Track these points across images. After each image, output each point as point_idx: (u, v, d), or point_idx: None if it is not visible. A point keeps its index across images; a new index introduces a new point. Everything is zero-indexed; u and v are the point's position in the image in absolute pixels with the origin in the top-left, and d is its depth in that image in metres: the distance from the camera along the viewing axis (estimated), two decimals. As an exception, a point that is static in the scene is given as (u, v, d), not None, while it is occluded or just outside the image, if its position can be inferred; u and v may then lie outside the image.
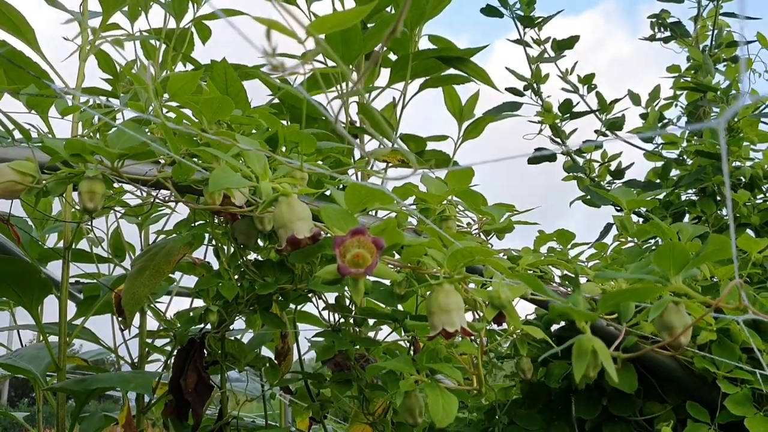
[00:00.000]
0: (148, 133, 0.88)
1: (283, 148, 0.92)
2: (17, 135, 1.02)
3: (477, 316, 0.81)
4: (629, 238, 1.33)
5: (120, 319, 1.73)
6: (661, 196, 1.68)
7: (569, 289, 1.21)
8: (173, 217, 1.96)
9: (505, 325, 0.96)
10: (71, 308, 1.95)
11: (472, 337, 0.75)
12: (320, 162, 1.27)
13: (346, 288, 1.28)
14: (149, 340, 1.75)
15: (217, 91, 0.94)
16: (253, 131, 0.99)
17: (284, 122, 1.47)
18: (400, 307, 1.27)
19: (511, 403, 1.34)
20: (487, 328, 0.80)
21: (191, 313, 1.10)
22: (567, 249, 1.18)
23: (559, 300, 0.58)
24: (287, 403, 2.12)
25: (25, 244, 1.30)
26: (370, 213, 1.18)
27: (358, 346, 1.18)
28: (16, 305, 1.87)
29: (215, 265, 1.29)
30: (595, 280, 0.95)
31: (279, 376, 1.27)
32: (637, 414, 1.21)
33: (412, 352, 1.31)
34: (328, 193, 0.98)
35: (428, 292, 0.72)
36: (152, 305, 1.81)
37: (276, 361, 1.33)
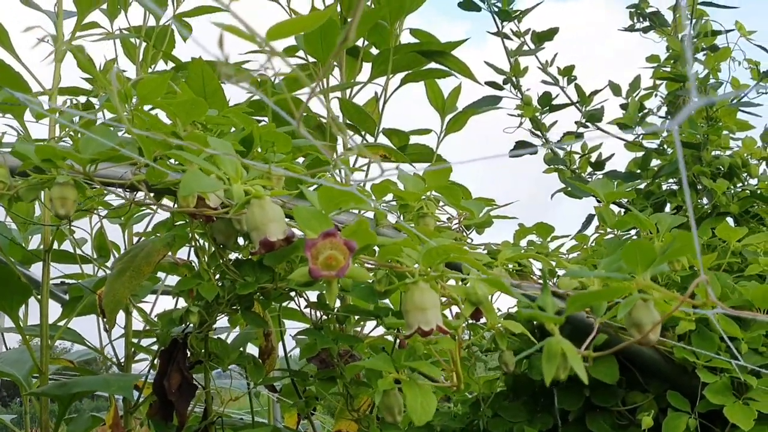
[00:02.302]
0: (126, 135, 0.88)
1: (259, 149, 0.92)
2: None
3: (456, 313, 0.82)
4: (609, 230, 1.33)
5: (105, 319, 1.72)
6: (641, 186, 1.69)
7: (553, 281, 1.22)
8: (156, 217, 1.95)
9: (484, 320, 0.97)
10: (57, 308, 1.94)
11: (449, 334, 0.75)
12: (300, 160, 1.27)
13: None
14: (135, 340, 1.75)
15: (192, 92, 0.94)
16: (232, 130, 0.99)
17: (265, 119, 1.46)
18: (387, 301, 1.28)
19: (496, 395, 1.35)
20: (468, 322, 0.81)
21: (172, 315, 1.10)
22: (547, 242, 1.18)
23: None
24: (275, 399, 2.12)
25: (4, 247, 1.29)
26: (351, 210, 1.19)
27: (339, 344, 1.18)
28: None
29: (197, 265, 1.28)
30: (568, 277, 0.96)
31: (263, 374, 1.27)
32: (620, 404, 1.22)
33: (398, 347, 1.32)
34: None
35: (404, 292, 0.72)
36: (137, 305, 1.81)
37: (260, 360, 1.33)
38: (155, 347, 1.77)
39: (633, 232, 1.42)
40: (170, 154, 0.75)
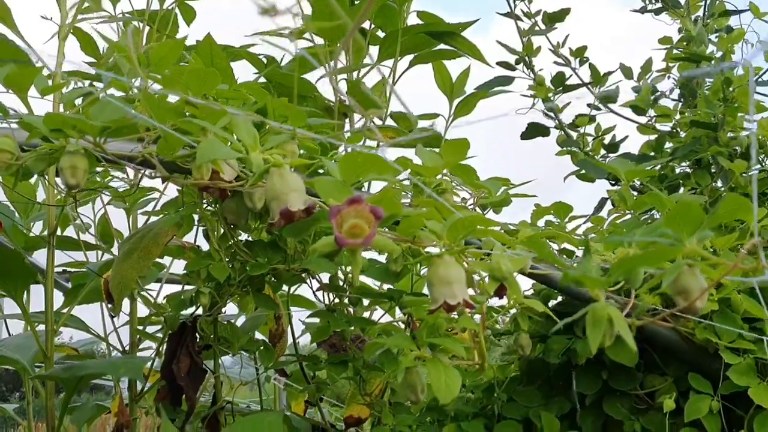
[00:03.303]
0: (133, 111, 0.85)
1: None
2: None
3: (477, 290, 0.79)
4: (625, 211, 1.31)
5: (109, 305, 1.70)
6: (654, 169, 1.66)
7: (572, 263, 1.19)
8: (161, 201, 1.92)
9: (504, 300, 0.94)
10: (59, 297, 1.92)
11: (472, 311, 0.73)
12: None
13: (340, 268, 1.26)
14: (140, 327, 1.72)
15: (203, 65, 0.91)
16: (242, 106, 0.96)
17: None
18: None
19: (510, 380, 1.33)
20: (486, 304, 0.78)
21: (182, 296, 1.07)
22: (564, 222, 1.15)
23: (569, 268, 0.55)
24: (282, 387, 2.10)
25: (8, 231, 1.26)
26: (362, 189, 1.16)
27: (353, 327, 1.16)
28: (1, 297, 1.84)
29: (205, 249, 1.26)
30: (602, 247, 0.92)
31: (274, 358, 1.24)
32: (638, 387, 1.20)
33: (408, 333, 1.29)
34: (321, 171, 0.95)
35: (427, 266, 0.69)
36: (141, 292, 1.78)
37: (270, 344, 1.31)
38: (160, 335, 1.75)
39: (649, 214, 1.39)
40: (182, 123, 0.72)
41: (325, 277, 1.25)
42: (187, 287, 1.51)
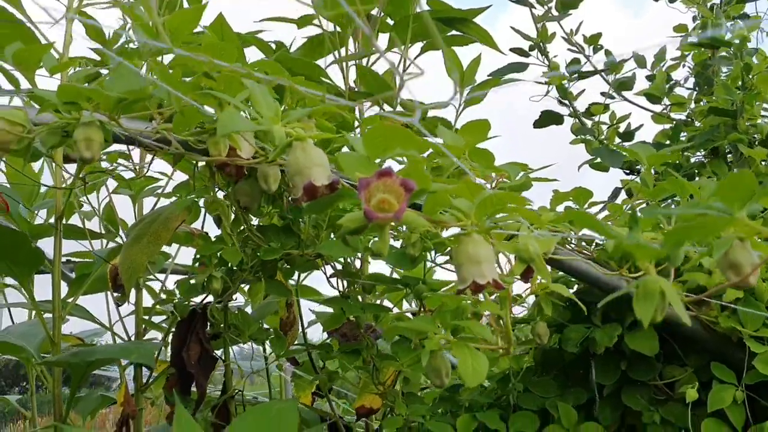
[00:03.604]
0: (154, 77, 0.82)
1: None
2: None
3: (503, 272, 0.76)
4: (644, 199, 1.28)
5: (115, 294, 1.67)
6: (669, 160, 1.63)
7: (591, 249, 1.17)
8: (169, 187, 1.89)
9: (519, 290, 0.92)
10: (63, 288, 1.89)
11: (493, 297, 0.70)
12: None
13: (358, 254, 1.23)
14: (145, 317, 1.69)
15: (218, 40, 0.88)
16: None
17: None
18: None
19: (524, 370, 1.30)
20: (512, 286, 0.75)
21: (194, 280, 1.04)
22: (584, 209, 1.13)
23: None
24: (289, 379, 2.07)
25: (14, 215, 1.23)
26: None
27: (367, 314, 1.13)
28: (4, 286, 1.81)
29: (213, 236, 1.23)
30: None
31: (285, 347, 1.22)
32: (657, 378, 1.17)
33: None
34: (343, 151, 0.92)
35: (454, 245, 0.66)
36: (147, 283, 1.76)
37: (282, 332, 1.28)
38: (166, 325, 1.73)
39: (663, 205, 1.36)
40: (200, 97, 0.69)
41: (335, 265, 1.23)
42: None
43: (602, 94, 1.78)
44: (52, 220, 1.78)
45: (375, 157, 0.67)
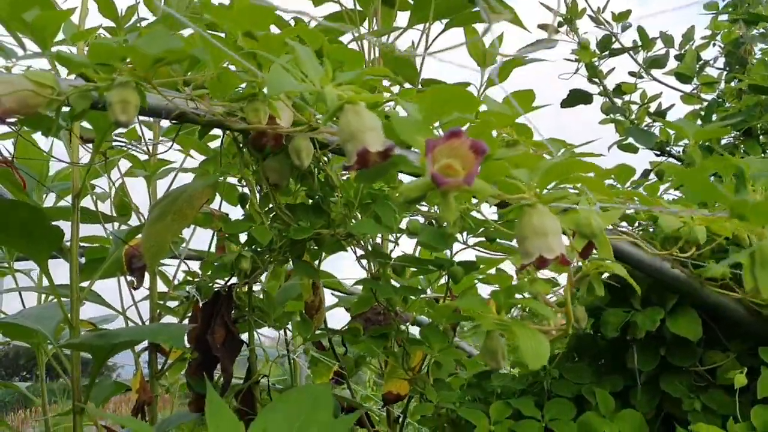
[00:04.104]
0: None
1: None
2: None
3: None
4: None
5: (130, 279, 1.63)
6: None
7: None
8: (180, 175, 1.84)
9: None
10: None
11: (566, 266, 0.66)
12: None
13: (380, 235, 1.18)
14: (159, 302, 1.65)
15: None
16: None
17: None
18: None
19: (558, 356, 1.26)
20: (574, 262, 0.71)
21: (223, 260, 1.00)
22: (626, 187, 1.08)
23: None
24: (303, 365, 2.03)
25: (31, 192, 1.19)
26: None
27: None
28: (14, 271, 1.76)
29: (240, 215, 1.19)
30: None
31: (311, 330, 1.17)
32: (698, 364, 1.13)
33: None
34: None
35: (518, 217, 0.62)
36: (159, 268, 1.71)
37: (307, 316, 1.24)
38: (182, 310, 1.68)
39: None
40: (243, 56, 0.64)
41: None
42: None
43: (630, 73, 1.73)
44: (62, 203, 1.74)
45: (431, 121, 0.62)
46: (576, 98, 1.69)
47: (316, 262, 1.26)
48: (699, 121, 1.62)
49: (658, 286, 1.13)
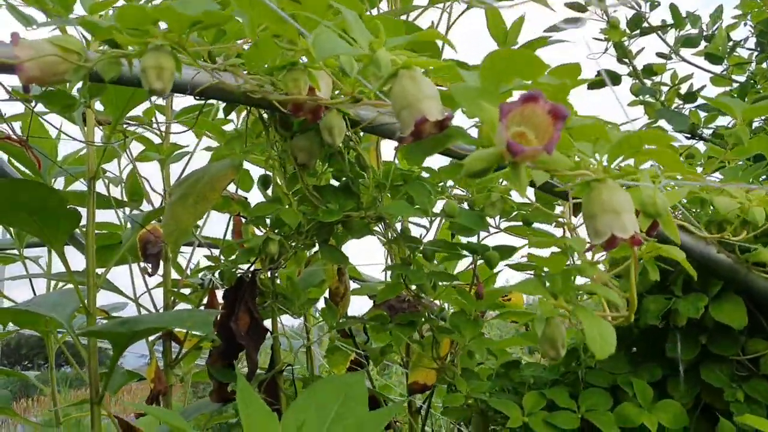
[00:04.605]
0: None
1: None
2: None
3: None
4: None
5: (144, 266, 1.58)
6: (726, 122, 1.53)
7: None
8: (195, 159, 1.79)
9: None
10: (81, 260, 1.79)
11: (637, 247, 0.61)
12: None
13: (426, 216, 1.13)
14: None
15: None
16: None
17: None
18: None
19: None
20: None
21: (251, 243, 0.95)
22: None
23: None
24: (318, 353, 1.99)
25: (45, 173, 1.14)
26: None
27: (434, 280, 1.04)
28: (23, 258, 1.72)
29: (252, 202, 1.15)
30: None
31: (337, 318, 1.13)
32: (740, 353, 1.09)
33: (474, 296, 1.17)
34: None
35: (585, 193, 0.57)
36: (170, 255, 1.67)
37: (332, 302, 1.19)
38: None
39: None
40: (275, 24, 0.59)
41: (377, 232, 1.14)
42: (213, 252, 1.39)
43: (659, 54, 1.67)
44: (71, 187, 1.69)
45: (492, 88, 0.57)
46: (604, 80, 1.64)
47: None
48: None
49: (700, 272, 1.08)
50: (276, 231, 0.98)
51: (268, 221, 0.96)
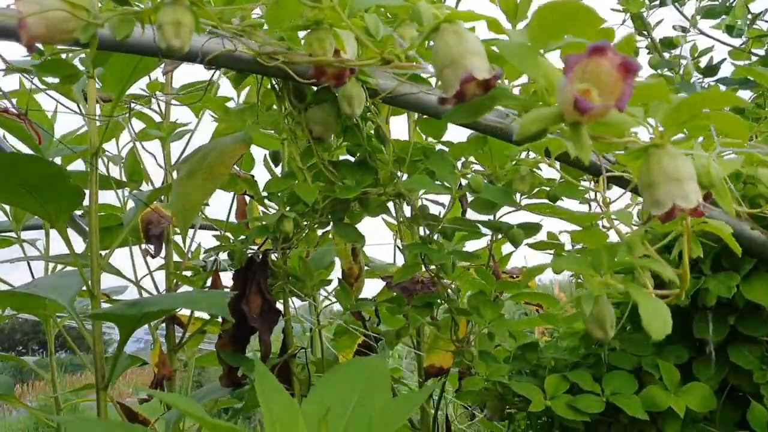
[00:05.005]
0: None
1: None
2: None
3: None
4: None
5: (145, 247, 1.53)
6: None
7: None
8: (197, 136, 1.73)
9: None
10: (79, 242, 1.74)
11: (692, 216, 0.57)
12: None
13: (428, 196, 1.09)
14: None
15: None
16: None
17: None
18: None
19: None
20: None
21: (263, 222, 0.90)
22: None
23: None
24: (329, 337, 1.95)
25: (44, 151, 1.08)
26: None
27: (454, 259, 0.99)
28: (21, 241, 1.66)
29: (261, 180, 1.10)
30: None
31: (351, 299, 1.08)
32: (771, 334, 1.05)
33: (493, 275, 1.13)
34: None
35: (644, 160, 0.52)
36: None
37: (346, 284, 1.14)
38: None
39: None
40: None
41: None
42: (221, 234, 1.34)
43: (675, 27, 1.62)
44: (69, 167, 1.63)
45: (541, 45, 0.52)
46: (621, 52, 1.58)
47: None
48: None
49: (730, 250, 1.04)
50: (288, 209, 0.93)
51: (275, 202, 0.91)
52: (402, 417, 0.71)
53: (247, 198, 1.43)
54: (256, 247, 1.04)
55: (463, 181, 0.96)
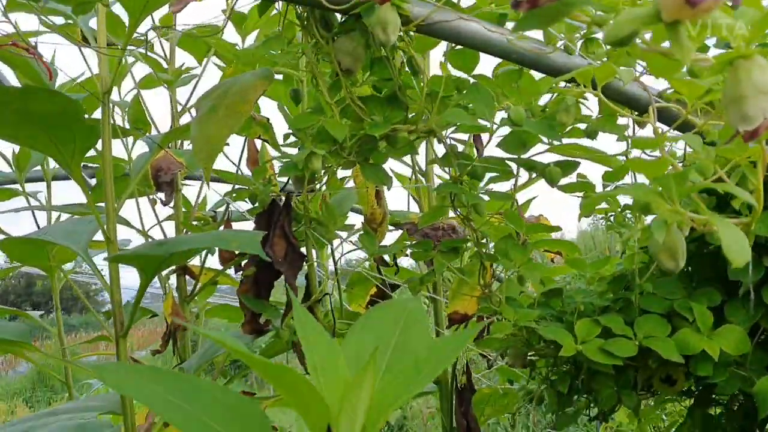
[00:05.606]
0: None
1: None
2: None
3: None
4: None
5: (153, 196, 1.49)
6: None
7: None
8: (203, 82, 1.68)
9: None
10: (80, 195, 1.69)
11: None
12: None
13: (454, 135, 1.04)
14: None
15: None
16: None
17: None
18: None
19: (640, 270, 1.14)
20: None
21: (293, 158, 0.86)
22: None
23: None
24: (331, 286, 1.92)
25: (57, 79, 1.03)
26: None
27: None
28: (26, 194, 1.62)
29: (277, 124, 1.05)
30: None
31: (376, 245, 1.05)
32: (808, 275, 1.02)
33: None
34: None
35: (728, 72, 0.48)
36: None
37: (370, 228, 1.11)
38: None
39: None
40: None
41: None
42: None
43: None
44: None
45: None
46: None
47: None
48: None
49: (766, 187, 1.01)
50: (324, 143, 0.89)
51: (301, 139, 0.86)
52: (450, 358, 0.68)
53: (258, 143, 1.39)
54: (278, 191, 1.00)
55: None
